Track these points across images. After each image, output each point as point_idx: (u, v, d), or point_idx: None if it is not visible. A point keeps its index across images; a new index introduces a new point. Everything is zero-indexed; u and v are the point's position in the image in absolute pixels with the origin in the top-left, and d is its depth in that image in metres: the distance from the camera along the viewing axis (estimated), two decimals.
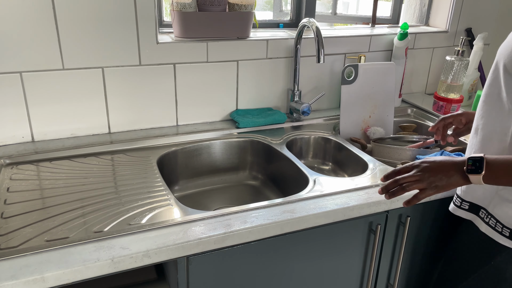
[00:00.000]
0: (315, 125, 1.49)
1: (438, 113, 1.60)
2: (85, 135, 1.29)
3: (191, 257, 0.86)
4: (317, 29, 1.26)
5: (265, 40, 1.42)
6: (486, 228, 0.95)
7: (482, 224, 0.96)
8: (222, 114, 1.46)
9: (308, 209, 0.96)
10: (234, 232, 0.87)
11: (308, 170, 1.15)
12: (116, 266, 0.78)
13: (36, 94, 1.19)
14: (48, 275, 0.73)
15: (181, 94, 1.37)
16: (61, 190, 1.00)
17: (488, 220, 0.95)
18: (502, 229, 0.91)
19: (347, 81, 1.42)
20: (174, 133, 1.34)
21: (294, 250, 0.98)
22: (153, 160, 1.17)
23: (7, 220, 0.87)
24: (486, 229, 0.95)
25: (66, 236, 0.82)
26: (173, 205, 0.95)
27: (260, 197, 1.31)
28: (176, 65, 1.32)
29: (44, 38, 1.15)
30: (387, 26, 1.81)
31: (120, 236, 0.83)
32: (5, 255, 0.76)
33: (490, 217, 0.94)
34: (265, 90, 1.49)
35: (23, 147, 1.20)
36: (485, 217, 0.95)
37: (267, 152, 1.34)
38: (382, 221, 1.06)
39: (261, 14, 1.95)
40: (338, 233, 1.02)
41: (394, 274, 1.14)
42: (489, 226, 0.94)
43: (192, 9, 1.31)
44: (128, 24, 1.22)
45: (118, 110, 1.30)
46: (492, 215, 0.94)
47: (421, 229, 1.14)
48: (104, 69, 1.24)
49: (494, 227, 0.93)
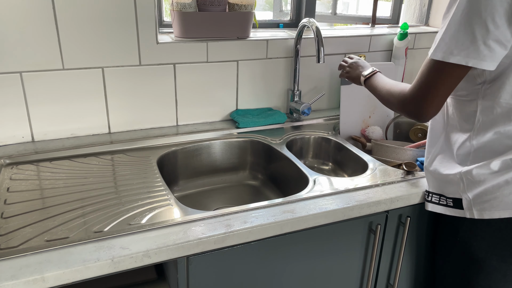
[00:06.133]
0: (315, 125, 1.49)
1: None
2: (85, 135, 1.29)
3: (191, 257, 0.86)
4: (317, 29, 1.26)
5: (265, 40, 1.42)
6: (432, 206, 1.02)
7: (428, 204, 1.03)
8: (222, 114, 1.46)
9: (308, 209, 0.96)
10: (234, 232, 0.87)
11: (308, 170, 1.15)
12: (116, 266, 0.78)
13: (36, 94, 1.19)
14: (48, 275, 0.73)
15: (181, 94, 1.37)
16: (61, 190, 1.00)
17: (431, 198, 1.02)
18: (446, 200, 0.98)
19: (346, 81, 1.42)
20: (174, 133, 1.34)
21: (294, 250, 0.98)
22: (153, 160, 1.17)
23: (7, 220, 0.87)
24: (432, 207, 1.02)
25: (66, 236, 0.82)
26: (173, 205, 0.95)
27: (260, 197, 1.31)
28: (176, 65, 1.32)
29: (44, 38, 1.15)
30: (387, 26, 1.81)
31: (120, 236, 0.83)
32: (5, 255, 0.76)
33: (431, 194, 1.02)
34: (265, 90, 1.49)
35: (23, 147, 1.20)
36: (426, 196, 1.04)
37: (267, 152, 1.34)
38: (382, 221, 1.06)
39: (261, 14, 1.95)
40: (338, 233, 1.02)
41: (394, 274, 1.14)
42: (433, 204, 1.02)
43: (192, 9, 1.31)
44: (128, 24, 1.22)
45: (118, 110, 1.30)
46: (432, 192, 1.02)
47: (421, 229, 1.14)
48: (104, 69, 1.24)
49: (438, 203, 1.00)
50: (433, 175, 1.02)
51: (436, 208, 1.02)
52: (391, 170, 1.16)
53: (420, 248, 1.17)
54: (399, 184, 1.09)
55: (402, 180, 1.11)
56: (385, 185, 1.08)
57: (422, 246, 1.17)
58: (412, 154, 1.28)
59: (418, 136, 1.51)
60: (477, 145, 0.92)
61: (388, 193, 1.04)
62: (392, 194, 1.03)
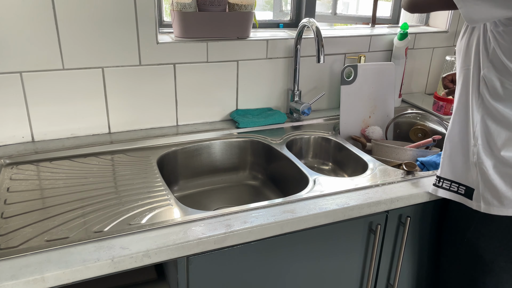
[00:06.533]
0: (315, 125, 1.49)
1: (438, 113, 1.60)
2: (85, 135, 1.29)
3: (191, 257, 0.86)
4: (317, 29, 1.26)
5: (265, 40, 1.42)
6: (442, 192, 1.02)
7: (438, 190, 1.03)
8: (222, 114, 1.46)
9: (308, 209, 0.96)
10: (234, 232, 0.87)
11: (308, 170, 1.15)
12: (116, 266, 0.78)
13: (36, 94, 1.19)
14: (48, 275, 0.73)
15: (181, 94, 1.37)
16: (61, 190, 1.00)
17: (441, 184, 1.02)
18: (458, 188, 0.98)
19: (346, 81, 1.42)
20: (174, 133, 1.34)
21: (294, 250, 0.98)
22: (153, 160, 1.17)
23: (7, 220, 0.87)
24: (442, 193, 1.02)
25: (66, 236, 0.82)
26: (173, 205, 0.95)
27: (260, 197, 1.31)
28: (176, 65, 1.33)
29: (44, 38, 1.15)
30: (387, 26, 1.81)
31: (120, 236, 0.83)
32: (5, 255, 0.76)
33: (443, 180, 1.02)
34: (265, 90, 1.49)
35: (23, 147, 1.20)
36: (437, 182, 1.03)
37: (267, 152, 1.34)
38: (382, 221, 1.06)
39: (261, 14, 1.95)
40: (338, 233, 1.02)
41: (394, 274, 1.14)
42: (444, 189, 1.01)
43: (192, 9, 1.31)
44: (128, 24, 1.22)
45: (118, 110, 1.30)
46: (444, 177, 1.02)
47: (421, 229, 1.14)
48: (104, 69, 1.24)
49: (449, 189, 1.00)
50: (450, 159, 1.01)
51: (446, 194, 1.01)
52: (391, 170, 1.16)
53: (420, 248, 1.17)
54: (399, 184, 1.09)
55: (402, 180, 1.11)
56: (385, 185, 1.08)
57: (422, 246, 1.17)
58: (412, 154, 1.28)
59: (418, 136, 1.52)
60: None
61: (388, 193, 1.04)
62: (392, 194, 1.03)
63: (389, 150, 1.31)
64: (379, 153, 1.33)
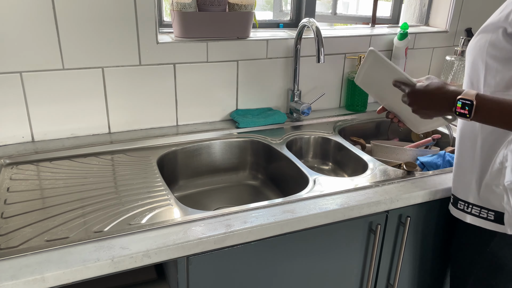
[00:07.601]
0: (315, 125, 1.49)
1: None
2: (85, 135, 1.29)
3: (191, 257, 0.86)
4: (317, 29, 1.26)
5: (265, 40, 1.42)
6: (471, 219, 0.98)
7: (467, 216, 0.99)
8: (222, 114, 1.46)
9: (308, 209, 0.96)
10: (234, 232, 0.87)
11: (308, 170, 1.15)
12: (116, 266, 0.78)
13: (36, 94, 1.19)
14: (48, 275, 0.73)
15: (181, 94, 1.37)
16: (61, 190, 1.00)
17: (470, 210, 0.98)
18: (487, 214, 0.94)
19: None
20: (174, 133, 1.34)
21: (294, 250, 0.98)
22: (153, 160, 1.17)
23: (7, 220, 0.87)
24: (471, 219, 0.98)
25: (66, 236, 0.82)
26: (173, 205, 0.95)
27: (260, 197, 1.31)
28: (176, 65, 1.33)
29: (44, 38, 1.15)
30: (387, 26, 1.81)
31: (120, 236, 0.83)
32: (5, 255, 0.76)
33: (472, 206, 0.98)
34: (265, 90, 1.49)
35: (23, 147, 1.20)
36: (465, 207, 0.99)
37: (267, 152, 1.34)
38: (382, 221, 1.06)
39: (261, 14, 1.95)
40: (338, 233, 1.02)
41: (394, 274, 1.14)
42: (473, 216, 0.97)
43: (192, 9, 1.31)
44: (128, 24, 1.22)
45: (118, 110, 1.30)
46: (473, 203, 0.97)
47: (421, 229, 1.14)
48: (104, 69, 1.24)
49: (479, 215, 0.96)
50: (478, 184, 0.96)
51: (477, 221, 0.97)
52: (391, 170, 1.16)
53: (420, 248, 1.17)
54: (399, 184, 1.09)
55: (402, 180, 1.11)
56: (385, 185, 1.08)
57: (422, 246, 1.17)
58: (412, 154, 1.29)
59: (418, 136, 1.52)
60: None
61: (388, 193, 1.04)
62: (392, 194, 1.03)
63: (389, 150, 1.31)
64: (379, 153, 1.33)
